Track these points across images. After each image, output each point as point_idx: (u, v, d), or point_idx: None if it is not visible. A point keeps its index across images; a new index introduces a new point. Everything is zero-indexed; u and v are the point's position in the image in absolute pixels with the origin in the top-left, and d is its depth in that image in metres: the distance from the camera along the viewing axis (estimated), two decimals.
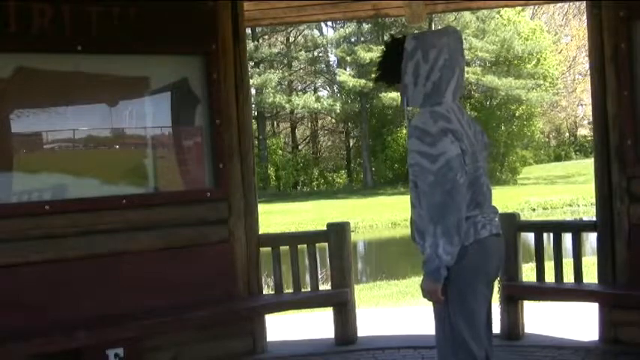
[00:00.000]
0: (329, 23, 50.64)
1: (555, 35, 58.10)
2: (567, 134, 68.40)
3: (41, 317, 5.58)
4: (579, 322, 6.99)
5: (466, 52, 33.38)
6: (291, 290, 6.77)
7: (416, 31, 4.32)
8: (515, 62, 48.96)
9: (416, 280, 12.76)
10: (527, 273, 7.05)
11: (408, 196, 3.80)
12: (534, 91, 47.67)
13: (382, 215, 30.73)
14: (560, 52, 58.44)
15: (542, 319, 7.14)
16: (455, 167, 3.45)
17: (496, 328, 6.56)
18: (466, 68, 31.02)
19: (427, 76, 3.61)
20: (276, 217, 28.65)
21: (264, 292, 6.87)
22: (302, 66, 53.33)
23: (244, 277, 6.50)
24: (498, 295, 6.66)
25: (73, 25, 5.87)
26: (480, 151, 3.71)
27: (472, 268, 3.61)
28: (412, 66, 3.63)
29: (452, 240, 3.45)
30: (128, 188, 6.16)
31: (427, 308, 4.24)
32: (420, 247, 3.63)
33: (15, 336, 5.35)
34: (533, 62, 49.58)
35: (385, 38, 49.62)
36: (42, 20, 5.79)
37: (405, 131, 49.95)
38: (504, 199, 33.15)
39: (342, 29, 50.22)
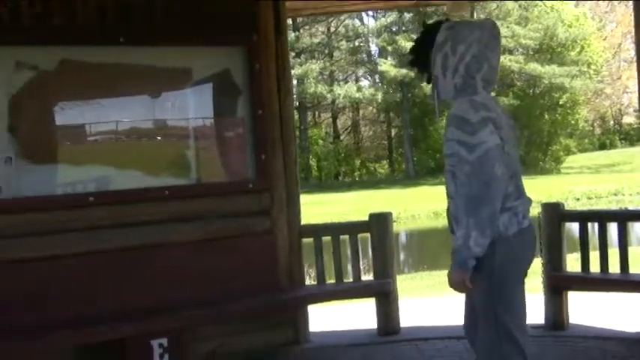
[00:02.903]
0: (370, 12, 50.43)
1: (600, 22, 57.39)
2: (612, 122, 67.51)
3: (85, 308, 5.63)
4: (624, 312, 6.91)
5: (509, 39, 32.94)
6: (333, 281, 6.77)
7: (455, 19, 4.25)
8: (559, 50, 48.43)
9: None
10: (572, 263, 6.97)
11: None
12: (578, 78, 47.13)
13: (424, 205, 30.59)
14: (604, 39, 57.70)
15: (587, 309, 7.06)
16: (493, 157, 3.39)
17: (540, 318, 6.54)
18: (509, 56, 30.62)
19: (455, 68, 3.59)
20: (317, 208, 28.65)
21: (307, 282, 6.88)
22: (343, 56, 53.20)
23: (286, 268, 6.51)
24: (542, 286, 6.60)
25: (116, 17, 5.91)
26: (515, 143, 3.67)
27: (516, 258, 3.59)
28: (441, 58, 3.61)
29: (484, 232, 3.41)
30: (171, 180, 6.19)
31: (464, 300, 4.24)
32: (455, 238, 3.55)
33: (60, 327, 5.41)
34: (577, 49, 49.01)
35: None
36: (85, 13, 5.83)
37: (445, 121, 49.66)
38: (548, 188, 32.88)
39: (383, 18, 50.00)
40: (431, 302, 8.55)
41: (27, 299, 5.50)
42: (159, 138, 6.31)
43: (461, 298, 4.00)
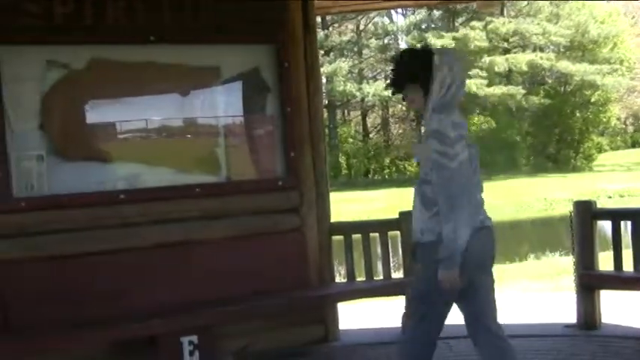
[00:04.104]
0: (399, 10, 50.38)
1: (632, 18, 56.77)
2: None
3: (116, 305, 5.66)
4: None
5: (539, 37, 32.58)
6: (363, 278, 6.75)
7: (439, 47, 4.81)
8: (591, 47, 48.02)
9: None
10: (604, 262, 6.90)
11: None
12: (610, 76, 46.67)
13: None
14: (638, 36, 57.09)
15: (619, 308, 6.99)
16: (465, 169, 3.97)
17: (573, 317, 6.48)
18: (540, 54, 30.39)
19: (449, 86, 4.06)
20: (347, 206, 28.59)
21: (336, 280, 6.87)
22: (372, 54, 53.07)
23: (316, 266, 6.51)
24: (574, 284, 6.55)
25: (145, 16, 5.94)
26: (475, 156, 4.17)
27: (482, 251, 4.06)
28: (440, 76, 4.06)
29: (466, 229, 3.92)
30: (201, 177, 6.21)
31: (497, 298, 4.27)
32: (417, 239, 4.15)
33: (92, 324, 5.45)
34: (609, 46, 48.54)
35: (456, 25, 49.27)
36: (115, 12, 5.86)
37: (476, 119, 49.52)
38: (579, 186, 32.65)
39: (412, 16, 49.88)
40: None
41: (58, 296, 5.54)
42: (189, 136, 6.34)
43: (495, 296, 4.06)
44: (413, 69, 4.15)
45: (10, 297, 5.46)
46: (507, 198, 30.99)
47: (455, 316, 4.34)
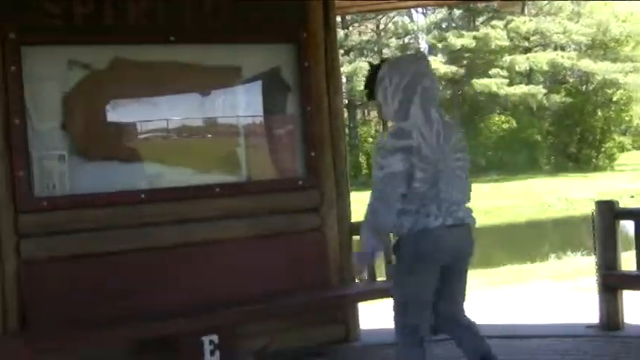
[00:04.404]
0: (419, 9, 50.27)
1: None
2: None
3: (137, 305, 5.68)
4: None
5: (560, 36, 32.39)
6: (383, 278, 6.74)
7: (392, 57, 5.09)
8: (612, 45, 47.71)
9: (509, 269, 12.60)
10: (627, 262, 6.85)
11: (501, 184, 4.35)
12: (632, 74, 46.33)
13: (474, 203, 30.33)
14: None
15: None
16: (394, 181, 4.17)
17: (595, 317, 6.44)
18: (561, 53, 30.17)
19: (392, 96, 4.27)
20: None
21: (357, 280, 6.85)
22: (392, 53, 52.99)
23: (336, 265, 6.50)
24: (597, 285, 6.50)
25: (166, 16, 5.95)
26: (448, 155, 4.28)
27: (418, 252, 4.25)
28: (381, 89, 4.32)
29: (374, 235, 4.26)
30: (221, 177, 6.22)
31: (522, 298, 4.23)
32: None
33: (112, 323, 5.46)
34: (632, 45, 48.20)
35: (477, 24, 49.12)
36: (136, 12, 5.88)
37: (497, 118, 49.33)
38: (601, 186, 32.47)
39: (432, 15, 49.79)
40: (480, 299, 8.47)
41: (78, 295, 5.57)
42: (209, 135, 6.35)
43: (512, 295, 4.02)
44: (368, 85, 4.45)
45: (31, 296, 5.49)
46: (528, 198, 30.91)
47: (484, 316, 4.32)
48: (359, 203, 5.89)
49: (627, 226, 7.10)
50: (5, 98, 5.48)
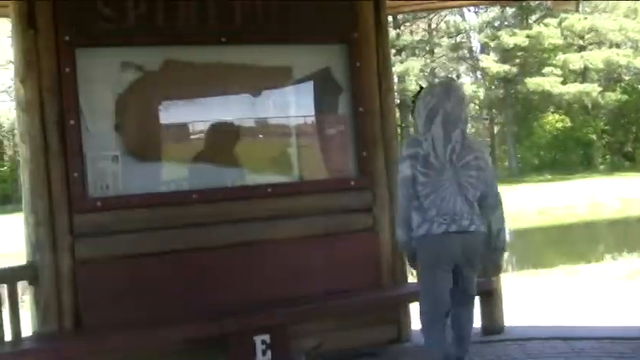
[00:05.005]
0: (471, 8, 49.92)
1: None
2: None
3: (189, 304, 5.72)
4: None
5: (616, 33, 32.15)
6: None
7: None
8: None
9: (564, 269, 12.44)
10: None
11: (555, 184, 4.47)
12: None
13: (528, 203, 30.12)
14: None
15: None
16: (401, 184, 5.02)
17: None
18: (616, 50, 30.05)
19: (421, 113, 5.06)
20: None
21: (409, 280, 6.82)
22: (444, 52, 52.76)
23: (388, 266, 6.47)
24: None
25: (217, 17, 5.98)
26: (458, 171, 4.96)
27: (425, 253, 5.00)
28: (417, 107, 5.13)
29: (400, 229, 5.09)
30: (273, 177, 6.23)
31: (577, 299, 4.16)
32: None
33: (165, 322, 5.51)
34: None
35: (530, 22, 48.65)
36: (188, 14, 5.91)
37: (551, 117, 48.84)
38: None
39: (485, 14, 49.44)
40: (536, 301, 8.38)
41: (131, 295, 5.62)
42: (261, 136, 6.36)
43: (566, 296, 3.97)
44: (413, 102, 5.27)
45: (85, 296, 5.55)
46: (583, 198, 30.53)
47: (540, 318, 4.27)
48: None
49: None
50: (60, 100, 5.56)
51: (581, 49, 47.18)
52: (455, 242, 4.97)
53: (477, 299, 6.55)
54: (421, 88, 5.25)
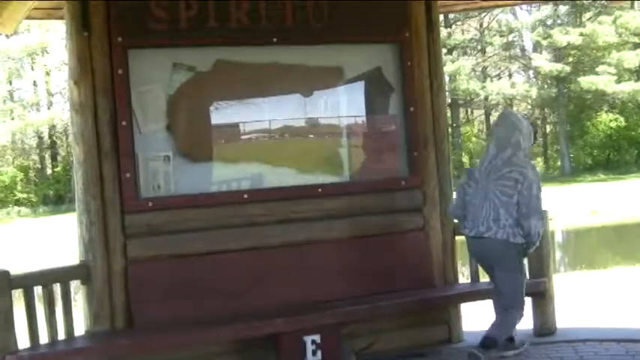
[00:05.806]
0: (524, 6, 49.40)
1: None
2: None
3: (240, 304, 5.75)
4: None
5: None
6: (487, 279, 6.64)
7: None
8: None
9: (618, 270, 12.27)
10: None
11: (608, 184, 4.60)
12: None
13: (581, 203, 29.75)
14: None
15: None
16: (457, 190, 5.97)
17: None
18: None
19: (488, 135, 5.99)
20: None
21: (460, 281, 6.78)
22: (496, 51, 52.30)
23: (440, 266, 6.44)
24: None
25: (268, 18, 6.00)
26: (491, 182, 5.73)
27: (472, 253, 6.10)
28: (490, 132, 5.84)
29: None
30: (324, 177, 6.24)
31: (631, 300, 4.11)
32: None
33: (216, 321, 5.54)
34: None
35: (583, 20, 48.05)
36: (239, 14, 5.94)
37: (604, 116, 48.22)
38: None
39: (537, 12, 48.92)
40: (588, 303, 8.27)
41: (182, 294, 5.67)
42: (311, 136, 6.36)
43: (624, 299, 3.91)
44: None
45: (137, 295, 5.60)
46: (637, 198, 30.04)
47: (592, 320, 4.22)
48: None
49: None
50: (112, 101, 5.62)
51: (636, 47, 46.47)
52: (475, 245, 5.85)
53: (528, 300, 6.52)
54: None
